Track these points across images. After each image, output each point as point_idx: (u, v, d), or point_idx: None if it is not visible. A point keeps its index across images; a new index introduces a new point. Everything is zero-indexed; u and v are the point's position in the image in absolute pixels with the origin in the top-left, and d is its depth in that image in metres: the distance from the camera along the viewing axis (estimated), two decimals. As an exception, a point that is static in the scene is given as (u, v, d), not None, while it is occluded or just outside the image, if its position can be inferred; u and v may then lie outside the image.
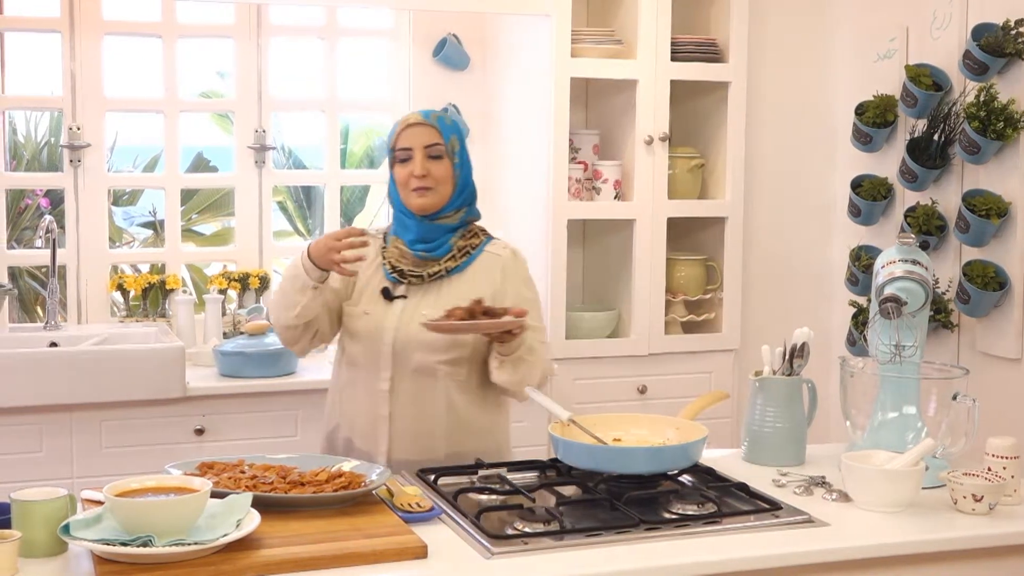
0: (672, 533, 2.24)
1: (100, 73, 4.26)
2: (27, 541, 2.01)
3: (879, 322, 2.63)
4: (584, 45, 4.17)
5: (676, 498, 2.40)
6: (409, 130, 2.84)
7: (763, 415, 2.77)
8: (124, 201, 5.88)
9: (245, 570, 1.98)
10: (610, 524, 2.26)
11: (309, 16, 4.58)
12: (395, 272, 2.85)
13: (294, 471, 2.39)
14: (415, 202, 2.82)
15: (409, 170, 2.81)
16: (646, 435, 2.67)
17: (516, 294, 2.85)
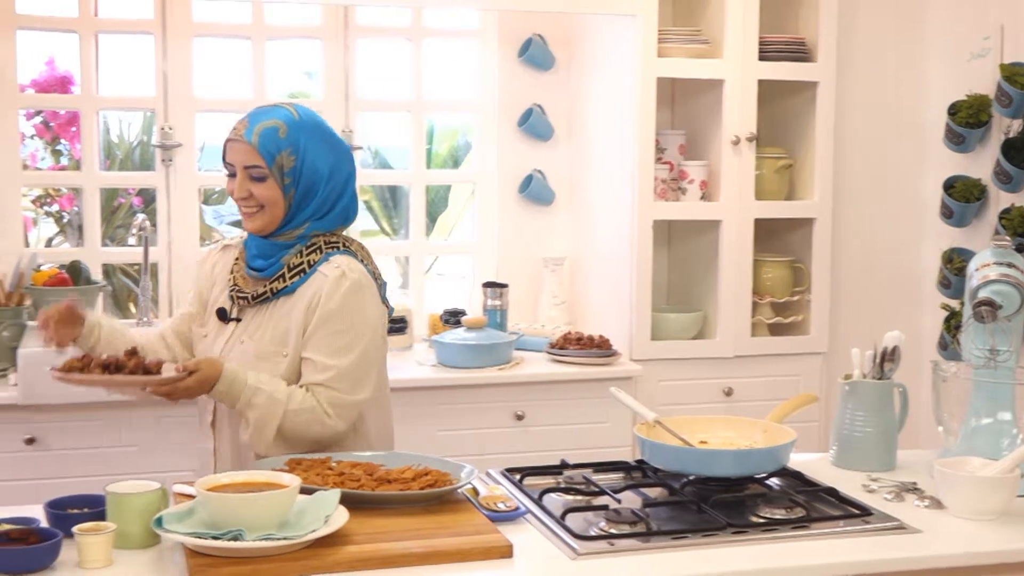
0: (760, 537, 2.22)
1: (190, 74, 4.33)
2: (121, 533, 2.05)
3: (973, 326, 2.58)
4: (670, 45, 4.15)
5: (764, 502, 2.37)
6: (231, 145, 2.54)
7: (853, 419, 2.73)
8: (213, 200, 5.96)
9: (333, 566, 2.00)
10: (697, 527, 2.24)
11: (396, 17, 4.61)
12: (233, 291, 2.61)
13: (380, 468, 2.40)
14: (244, 223, 2.58)
15: (232, 188, 2.56)
16: (733, 438, 2.65)
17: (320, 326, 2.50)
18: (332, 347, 2.51)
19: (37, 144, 4.89)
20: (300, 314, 2.52)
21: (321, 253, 2.56)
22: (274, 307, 2.56)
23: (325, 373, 2.50)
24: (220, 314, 2.62)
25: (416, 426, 3.87)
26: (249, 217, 2.55)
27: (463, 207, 6.18)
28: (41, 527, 2.05)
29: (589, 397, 4.00)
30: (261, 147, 2.50)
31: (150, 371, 2.41)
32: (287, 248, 2.57)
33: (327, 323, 2.50)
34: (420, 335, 4.40)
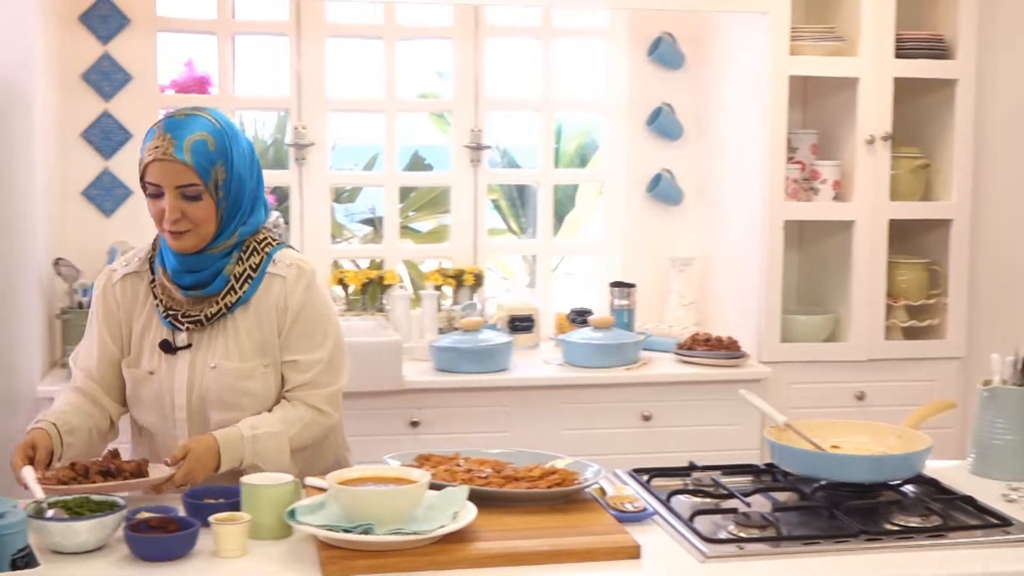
0: (894, 545, 2.17)
1: (323, 74, 4.40)
2: (255, 524, 2.09)
3: (1122, 331, 2.49)
4: (803, 43, 4.08)
5: (898, 509, 2.32)
6: (159, 165, 2.33)
7: (993, 426, 2.65)
8: (344, 198, 6.06)
9: (461, 561, 2.01)
10: (828, 533, 2.20)
11: (526, 16, 4.63)
12: (171, 317, 2.41)
13: (508, 466, 2.41)
14: (172, 243, 2.37)
15: (160, 208, 2.35)
16: (866, 443, 2.59)
17: (296, 323, 2.44)
18: (310, 343, 2.46)
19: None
20: (270, 320, 2.43)
21: (259, 255, 2.45)
22: (230, 322, 2.43)
23: (311, 370, 2.45)
24: (165, 346, 2.42)
25: (542, 425, 3.88)
26: (178, 237, 2.36)
27: (591, 206, 6.17)
28: (179, 516, 2.10)
29: (717, 399, 3.96)
30: (196, 164, 2.33)
31: (143, 470, 2.29)
32: (222, 259, 2.41)
33: (299, 321, 2.45)
34: (547, 334, 4.41)
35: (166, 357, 2.43)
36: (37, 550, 1.91)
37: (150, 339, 2.45)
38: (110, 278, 2.51)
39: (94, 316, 2.52)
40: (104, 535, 2.03)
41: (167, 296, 2.43)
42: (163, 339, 2.43)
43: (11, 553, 1.84)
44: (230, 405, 2.43)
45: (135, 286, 2.49)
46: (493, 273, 5.31)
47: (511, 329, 4.24)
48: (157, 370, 2.44)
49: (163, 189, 2.34)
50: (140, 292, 2.48)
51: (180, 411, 2.44)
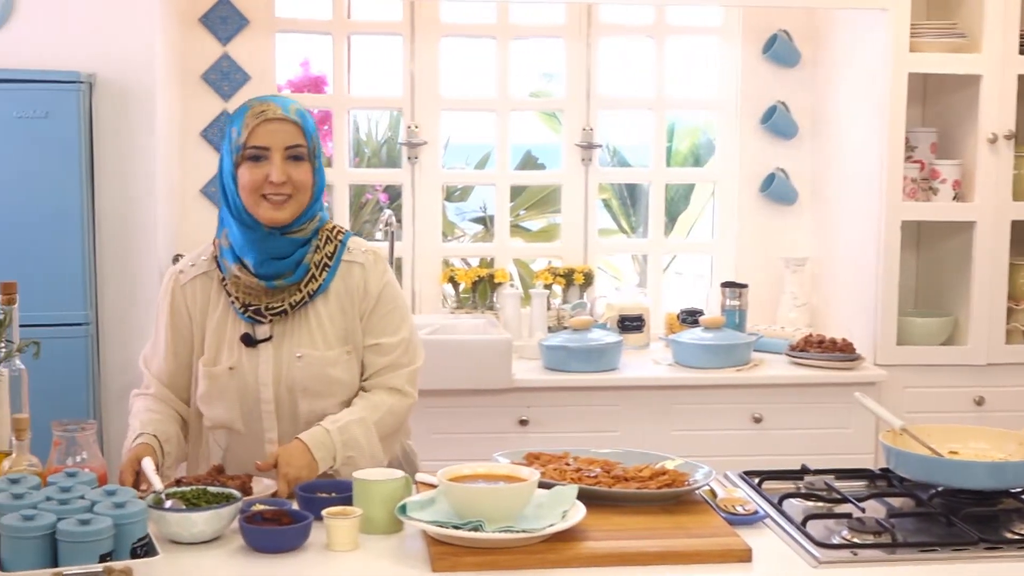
0: (1015, 554, 2.11)
1: (437, 74, 4.44)
2: (367, 518, 2.11)
3: None
4: (923, 39, 4.00)
5: (1019, 518, 2.26)
6: (267, 126, 2.38)
7: (1119, 434, 2.56)
8: (456, 197, 6.10)
9: (570, 560, 2.01)
10: (946, 540, 2.15)
11: (639, 15, 4.60)
12: (249, 312, 2.43)
13: (618, 466, 2.40)
14: (267, 214, 2.39)
15: (264, 173, 2.38)
16: (985, 449, 2.53)
17: (377, 307, 2.50)
18: (391, 325, 2.51)
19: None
20: (351, 306, 2.48)
21: (333, 243, 2.49)
22: (311, 311, 2.46)
23: (393, 352, 2.50)
24: (247, 340, 2.43)
25: (651, 425, 3.87)
26: (278, 206, 2.40)
27: (702, 206, 6.12)
28: (293, 509, 2.13)
29: (830, 402, 3.90)
30: (304, 125, 2.42)
31: (247, 486, 2.30)
32: (302, 247, 2.45)
33: (380, 304, 2.50)
34: (656, 334, 4.38)
35: (247, 351, 2.44)
36: (156, 539, 1.96)
37: (227, 335, 2.46)
38: (177, 280, 2.51)
39: (162, 319, 2.52)
40: (220, 526, 2.08)
41: (243, 291, 2.44)
42: (243, 333, 2.44)
43: (132, 542, 1.89)
44: (319, 393, 2.45)
45: (205, 286, 2.50)
46: (603, 272, 5.29)
47: (621, 328, 4.23)
48: (238, 365, 2.44)
49: (269, 152, 2.38)
50: (211, 291, 2.49)
51: (268, 404, 2.45)
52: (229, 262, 2.44)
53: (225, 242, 2.46)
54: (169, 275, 2.54)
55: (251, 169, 2.39)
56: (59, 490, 1.97)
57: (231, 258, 2.44)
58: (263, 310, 2.43)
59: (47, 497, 1.93)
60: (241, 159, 2.40)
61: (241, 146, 2.39)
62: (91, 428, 2.25)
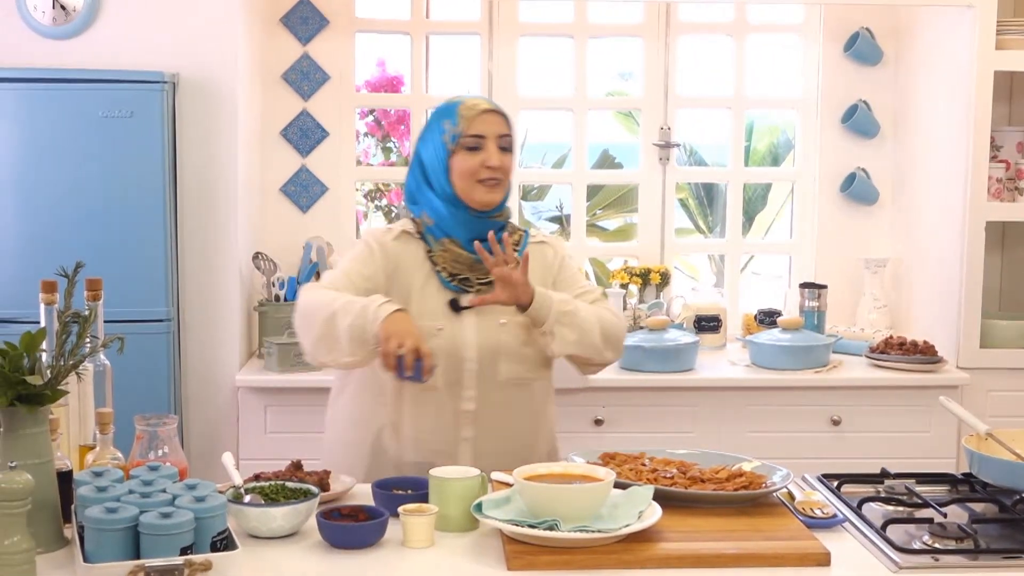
0: (1102, 563, 2.06)
1: (515, 73, 4.44)
2: (442, 516, 2.12)
3: None
4: (1010, 36, 3.92)
5: (1106, 525, 2.21)
6: (484, 116, 2.61)
7: None
8: (533, 196, 6.10)
9: (646, 561, 2.00)
10: (1030, 547, 2.11)
11: (718, 13, 4.57)
12: (455, 280, 2.61)
13: (694, 467, 2.39)
14: (482, 197, 2.59)
15: (480, 159, 2.58)
16: (1072, 455, 2.47)
17: (565, 273, 2.73)
18: (581, 279, 2.75)
19: (369, 142, 5.14)
20: (544, 281, 2.66)
21: (517, 232, 2.71)
22: None
23: (593, 292, 2.71)
24: (454, 305, 2.60)
25: (727, 426, 3.84)
26: (492, 189, 2.60)
27: (780, 205, 6.07)
28: (369, 506, 2.15)
29: (911, 405, 3.85)
30: (509, 118, 2.66)
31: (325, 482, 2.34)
32: (500, 231, 2.61)
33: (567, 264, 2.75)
34: (733, 334, 4.35)
35: (453, 316, 2.59)
36: (235, 534, 1.98)
37: (429, 300, 2.59)
38: (385, 234, 2.65)
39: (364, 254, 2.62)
40: (298, 521, 2.10)
41: (450, 263, 2.60)
42: (451, 299, 2.60)
43: (212, 535, 1.91)
44: (520, 357, 2.62)
45: (410, 250, 2.63)
46: (680, 272, 5.27)
47: (697, 329, 4.20)
48: (446, 327, 2.58)
49: (484, 141, 2.59)
50: (417, 254, 2.63)
51: (471, 364, 2.59)
52: (435, 237, 2.62)
53: (428, 220, 2.63)
54: (370, 232, 2.69)
55: (468, 157, 2.59)
56: (141, 483, 2.00)
57: (437, 234, 2.62)
58: (474, 281, 2.61)
59: (129, 490, 1.97)
60: (457, 147, 2.59)
61: (459, 135, 2.59)
62: (172, 423, 2.28)
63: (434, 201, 2.62)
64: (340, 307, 2.46)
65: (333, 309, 2.46)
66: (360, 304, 2.45)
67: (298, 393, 3.76)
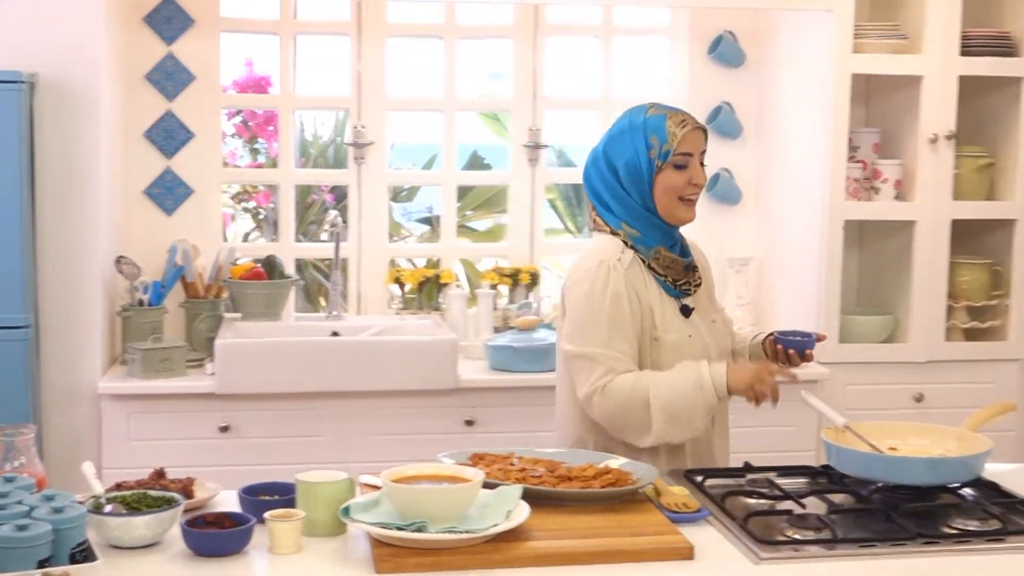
0: (951, 549, 2.14)
1: (383, 74, 4.43)
2: (310, 521, 2.11)
3: None
4: (867, 40, 4.04)
5: (956, 513, 2.29)
6: (693, 134, 2.63)
7: (1054, 430, 2.61)
8: (402, 197, 6.07)
9: (514, 560, 2.01)
10: (884, 536, 2.18)
11: (586, 15, 4.62)
12: (679, 286, 2.68)
13: (562, 466, 2.41)
14: (683, 214, 2.65)
15: (687, 177, 2.62)
16: (925, 445, 2.56)
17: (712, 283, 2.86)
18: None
19: (236, 143, 5.07)
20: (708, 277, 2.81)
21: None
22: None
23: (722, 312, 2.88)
24: (686, 311, 2.68)
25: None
26: (690, 207, 2.66)
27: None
28: (235, 512, 2.12)
29: (774, 400, 3.92)
30: (708, 129, 2.70)
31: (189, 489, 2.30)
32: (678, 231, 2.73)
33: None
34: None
35: (687, 321, 2.67)
36: (95, 545, 1.94)
37: (668, 308, 2.65)
38: (618, 268, 2.63)
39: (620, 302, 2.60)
40: (161, 530, 2.06)
41: (667, 269, 2.66)
42: (682, 305, 2.67)
43: (70, 547, 1.87)
44: (726, 352, 2.77)
45: (636, 271, 2.65)
46: (549, 272, 5.30)
47: (568, 328, 4.23)
48: (687, 332, 2.65)
49: (692, 158, 2.62)
50: (642, 273, 2.65)
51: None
52: (647, 247, 2.66)
53: (632, 231, 2.65)
54: (607, 266, 2.62)
55: (675, 174, 2.61)
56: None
57: (646, 243, 2.66)
58: (692, 285, 2.70)
59: (-16, 502, 1.91)
60: (666, 165, 2.60)
61: (670, 152, 2.59)
62: (30, 432, 2.22)
63: (636, 210, 2.63)
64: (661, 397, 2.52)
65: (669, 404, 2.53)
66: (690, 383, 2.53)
67: (163, 400, 3.69)
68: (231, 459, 3.69)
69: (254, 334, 3.96)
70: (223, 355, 3.68)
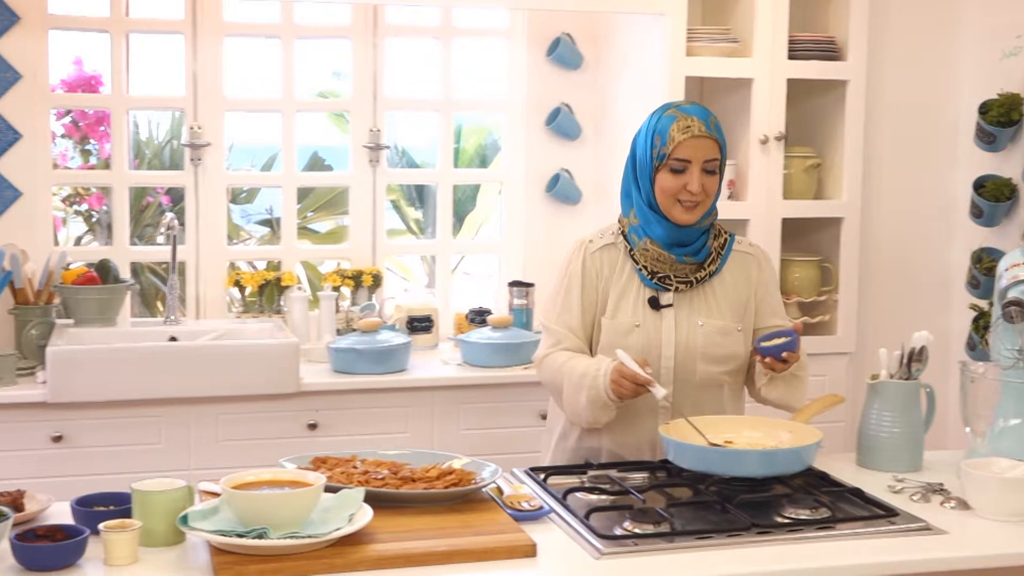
0: (784, 537, 2.21)
1: (220, 74, 4.35)
2: (147, 530, 2.06)
3: (1002, 326, 2.56)
4: (699, 44, 4.14)
5: (789, 502, 2.36)
6: (693, 142, 2.65)
7: (879, 420, 2.71)
8: (242, 199, 5.99)
9: (357, 564, 2.00)
10: (721, 527, 2.24)
11: (425, 16, 4.62)
12: (655, 278, 2.72)
13: (405, 467, 2.41)
14: (680, 216, 2.68)
15: (682, 183, 2.65)
16: (759, 438, 2.64)
17: (769, 295, 2.83)
18: (781, 309, 2.87)
19: (67, 144, 4.93)
20: (746, 290, 2.79)
21: (722, 237, 2.81)
22: (708, 288, 2.76)
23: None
24: (653, 303, 2.71)
25: (440, 425, 3.89)
26: (689, 209, 2.67)
27: (491, 206, 6.19)
28: (68, 525, 2.06)
29: (615, 397, 3.99)
30: (721, 141, 2.70)
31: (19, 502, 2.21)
32: (703, 235, 2.75)
33: (772, 290, 2.84)
34: (446, 334, 4.40)
35: (651, 313, 2.71)
36: (-82, 562, 1.87)
37: (631, 297, 2.73)
38: (587, 249, 2.80)
39: (573, 282, 2.78)
40: (-11, 545, 1.99)
41: (652, 261, 2.71)
42: (651, 296, 2.72)
43: None
44: (715, 359, 2.73)
45: (611, 255, 2.77)
46: (392, 274, 5.29)
47: (410, 330, 4.23)
48: (643, 323, 2.70)
49: (689, 165, 2.65)
50: (616, 259, 2.76)
51: (668, 361, 2.71)
52: (638, 237, 2.73)
53: (634, 220, 2.74)
54: (578, 245, 2.82)
55: (671, 177, 2.66)
56: None
57: (640, 234, 2.73)
58: (673, 278, 2.71)
59: None
60: (663, 166, 2.67)
61: (666, 155, 2.66)
62: None
63: (640, 202, 2.72)
64: (571, 384, 2.67)
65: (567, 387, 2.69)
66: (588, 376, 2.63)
67: (-8, 409, 3.56)
68: (65, 470, 3.58)
69: (88, 341, 3.85)
70: (55, 363, 3.57)
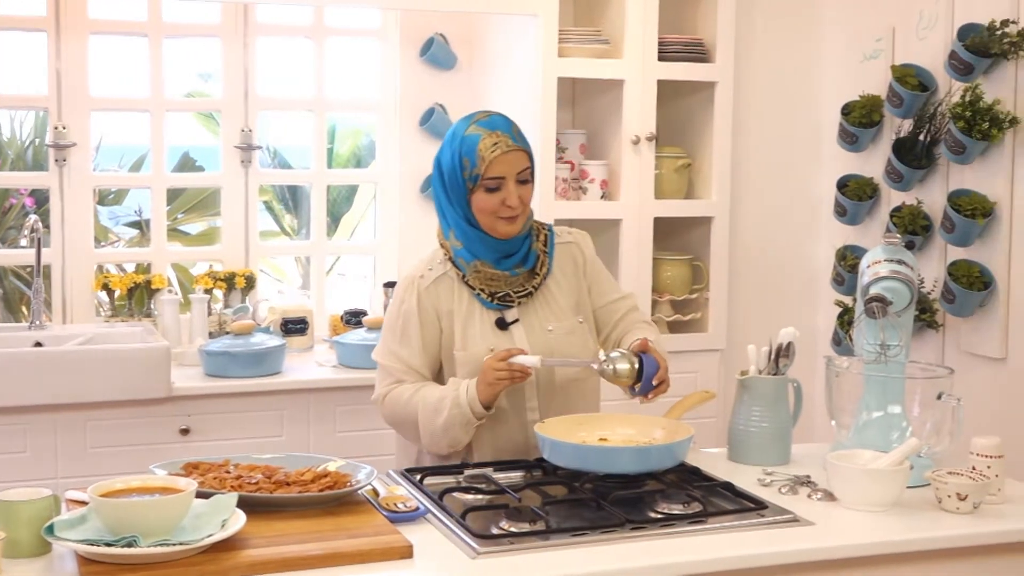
0: (657, 533, 2.24)
1: (86, 72, 4.25)
2: (11, 541, 2.01)
3: (864, 322, 2.64)
4: (571, 45, 4.17)
5: (662, 498, 2.40)
6: (504, 157, 2.62)
7: (748, 415, 2.77)
8: (110, 201, 5.87)
9: (230, 570, 1.98)
10: (596, 524, 2.26)
11: (296, 16, 4.57)
12: (496, 299, 2.71)
13: (280, 471, 2.38)
14: (504, 229, 2.65)
15: (500, 199, 2.62)
16: (632, 435, 2.67)
17: (598, 274, 2.85)
18: (613, 286, 2.88)
19: (-76, 144, 4.77)
20: (577, 280, 2.79)
21: (542, 232, 2.79)
22: (546, 291, 2.75)
23: (629, 299, 2.88)
24: (501, 324, 2.70)
25: (316, 428, 3.86)
26: (511, 222, 2.65)
27: (365, 207, 6.16)
28: (-73, 537, 2.00)
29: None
30: (528, 148, 2.68)
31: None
32: (526, 240, 2.73)
33: (599, 268, 2.86)
34: (321, 336, 4.37)
35: (501, 333, 2.69)
36: None
37: (477, 324, 2.70)
38: (419, 285, 2.74)
39: (410, 320, 2.72)
40: None
41: (487, 282, 2.69)
42: (497, 318, 2.70)
43: None
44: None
45: (446, 286, 2.73)
46: (266, 275, 5.23)
47: (284, 332, 4.19)
48: (496, 345, 2.66)
49: (505, 181, 2.61)
50: (452, 289, 2.72)
51: (530, 377, 2.64)
52: (466, 260, 2.69)
53: (456, 243, 2.70)
54: (409, 281, 2.76)
55: (487, 197, 2.63)
56: None
57: (467, 256, 2.69)
58: (513, 295, 2.70)
59: None
60: (477, 187, 2.63)
61: (479, 176, 2.62)
62: None
63: (459, 221, 2.68)
64: (426, 409, 2.64)
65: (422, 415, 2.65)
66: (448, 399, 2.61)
67: None
68: (-76, 481, 3.46)
69: (-52, 347, 3.73)
70: (-87, 370, 3.45)
